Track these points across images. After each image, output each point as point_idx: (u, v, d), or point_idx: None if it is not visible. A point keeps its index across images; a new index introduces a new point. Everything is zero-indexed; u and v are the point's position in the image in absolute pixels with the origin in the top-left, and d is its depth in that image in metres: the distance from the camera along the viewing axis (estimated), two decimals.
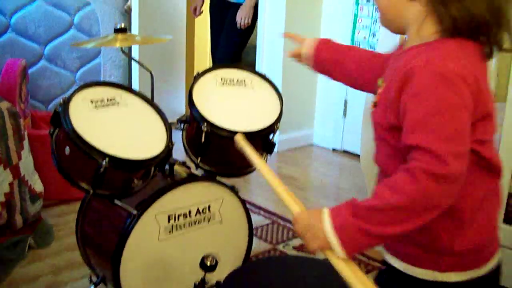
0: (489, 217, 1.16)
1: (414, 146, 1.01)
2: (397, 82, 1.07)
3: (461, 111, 1.01)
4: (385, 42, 2.29)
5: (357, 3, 3.81)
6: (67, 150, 1.58)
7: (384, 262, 1.23)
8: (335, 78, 1.50)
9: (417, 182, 0.99)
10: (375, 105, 1.18)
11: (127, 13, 3.85)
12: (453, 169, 0.99)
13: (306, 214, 1.16)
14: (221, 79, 1.94)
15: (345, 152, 3.97)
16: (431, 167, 0.98)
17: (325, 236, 1.05)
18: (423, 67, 1.02)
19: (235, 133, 1.73)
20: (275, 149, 1.94)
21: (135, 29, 3.71)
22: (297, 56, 1.55)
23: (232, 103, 1.90)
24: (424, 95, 1.02)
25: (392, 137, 1.11)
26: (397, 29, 1.19)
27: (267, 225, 2.76)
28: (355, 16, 3.83)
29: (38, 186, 2.53)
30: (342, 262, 1.05)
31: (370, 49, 3.71)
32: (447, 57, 1.03)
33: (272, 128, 1.83)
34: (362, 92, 1.50)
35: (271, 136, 1.88)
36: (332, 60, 1.48)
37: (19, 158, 2.38)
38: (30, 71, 3.55)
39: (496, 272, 1.19)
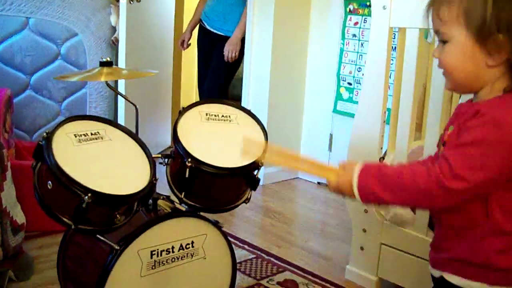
0: None
1: (445, 157, 1.16)
2: (469, 112, 1.20)
3: (499, 151, 1.13)
4: (371, 77, 2.31)
5: (343, 37, 3.84)
6: (50, 184, 1.57)
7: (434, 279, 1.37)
8: None
9: (429, 180, 1.17)
10: (444, 144, 1.29)
11: (115, 44, 3.85)
12: (459, 187, 1.14)
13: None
14: (206, 114, 1.94)
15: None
16: (443, 176, 1.15)
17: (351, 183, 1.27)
18: (486, 111, 1.15)
19: (219, 168, 1.73)
20: (260, 182, 1.94)
21: (121, 60, 3.71)
22: None
23: (217, 138, 1.90)
24: (477, 129, 1.15)
25: None
26: (469, 91, 1.27)
27: (251, 259, 2.74)
28: (341, 50, 3.86)
29: (20, 218, 2.50)
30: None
31: (356, 84, 3.75)
32: (504, 108, 1.15)
33: (256, 164, 1.82)
34: (347, 126, 1.54)
35: (255, 172, 1.87)
36: None
37: (1, 189, 2.35)
38: (15, 100, 3.53)
39: None
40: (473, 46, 1.17)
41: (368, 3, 3.59)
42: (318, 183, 4.10)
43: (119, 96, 3.96)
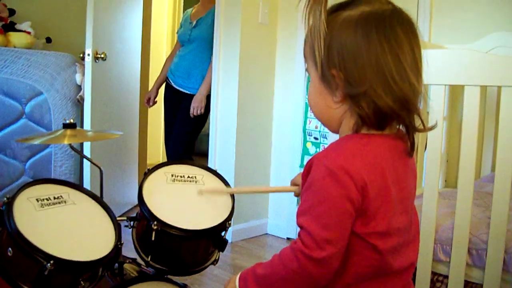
0: None
1: (302, 226, 1.12)
2: (305, 170, 1.17)
3: (343, 203, 1.09)
4: None
5: (307, 92, 3.88)
6: (10, 251, 1.51)
7: None
8: None
9: (297, 261, 1.10)
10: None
11: (80, 103, 3.83)
12: (328, 254, 1.08)
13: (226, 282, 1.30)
14: (172, 175, 1.92)
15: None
16: (308, 250, 1.09)
17: None
18: (319, 161, 1.13)
19: (186, 231, 1.70)
20: (229, 240, 1.91)
21: (87, 119, 3.68)
22: None
23: (183, 200, 1.87)
24: (315, 186, 1.12)
25: None
26: (334, 130, 1.25)
27: None
28: (306, 105, 3.90)
29: None
30: None
31: (323, 138, 3.77)
32: (341, 154, 1.13)
33: (223, 226, 1.80)
34: None
35: (223, 233, 1.85)
36: None
37: None
38: None
39: None
40: (319, 82, 1.17)
41: None
42: (288, 238, 4.07)
43: None
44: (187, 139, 4.11)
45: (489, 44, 3.09)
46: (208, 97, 4.03)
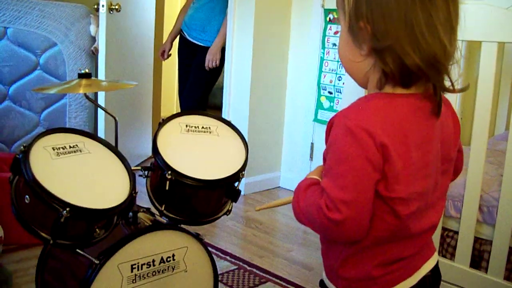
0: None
1: (323, 188, 1.10)
2: (327, 129, 1.15)
3: (362, 163, 1.07)
4: (351, 86, 2.32)
5: (323, 47, 3.85)
6: (27, 198, 1.54)
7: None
8: None
9: (319, 218, 1.10)
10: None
11: (94, 54, 3.83)
12: (344, 216, 1.06)
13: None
14: (186, 126, 1.93)
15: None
16: (326, 211, 1.08)
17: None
18: (339, 121, 1.11)
19: (200, 181, 1.72)
20: (242, 193, 1.93)
21: (101, 71, 3.68)
22: None
23: (197, 150, 1.88)
24: (334, 146, 1.10)
25: None
26: (361, 84, 1.21)
27: (233, 270, 2.72)
28: (321, 59, 3.87)
29: None
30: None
31: (337, 93, 3.75)
32: (362, 113, 1.10)
33: (236, 176, 1.81)
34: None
35: (236, 184, 1.86)
36: None
37: None
38: None
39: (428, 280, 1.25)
40: (348, 34, 1.14)
41: None
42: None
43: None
44: (201, 92, 4.11)
45: (509, 0, 3.03)
46: (222, 50, 4.01)
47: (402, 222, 1.13)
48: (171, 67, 5.74)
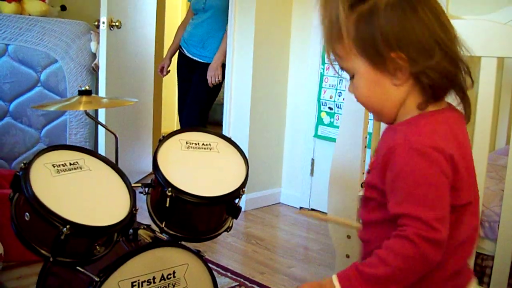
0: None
1: (405, 214, 1.11)
2: (382, 156, 1.18)
3: (440, 179, 1.12)
4: (351, 102, 2.32)
5: (323, 62, 3.86)
6: (27, 216, 1.54)
7: None
8: None
9: (416, 246, 1.08)
10: (368, 172, 1.30)
11: (95, 71, 3.84)
12: (443, 233, 1.09)
13: (316, 284, 1.22)
14: (186, 142, 1.93)
15: (313, 210, 3.96)
16: (425, 233, 1.08)
17: None
18: (401, 145, 1.13)
19: (200, 198, 1.71)
20: (242, 209, 1.93)
21: (102, 87, 3.69)
22: None
23: (197, 167, 1.88)
24: (406, 171, 1.12)
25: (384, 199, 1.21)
26: (390, 117, 1.24)
27: (234, 287, 2.71)
28: (321, 75, 3.88)
29: None
30: None
31: (337, 108, 3.76)
32: (421, 134, 1.14)
33: (237, 193, 1.81)
34: (328, 151, 1.54)
35: (236, 201, 1.86)
36: None
37: None
38: None
39: None
40: (375, 71, 1.18)
41: None
42: (300, 208, 4.09)
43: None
44: (201, 108, 4.11)
45: (508, 16, 3.05)
46: (222, 66, 4.02)
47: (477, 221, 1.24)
48: (171, 83, 5.75)
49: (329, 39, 1.21)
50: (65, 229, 1.47)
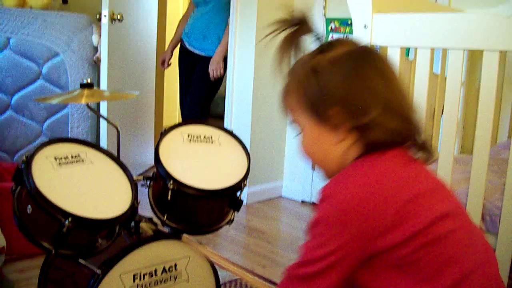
0: None
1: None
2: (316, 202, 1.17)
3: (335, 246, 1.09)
4: None
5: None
6: (29, 208, 1.54)
7: None
8: None
9: (288, 282, 1.15)
10: None
11: (96, 64, 3.84)
12: (312, 269, 1.10)
13: None
14: (188, 135, 1.93)
15: (314, 204, 3.96)
16: (297, 270, 1.13)
17: None
18: (327, 197, 1.13)
19: (202, 190, 1.72)
20: (244, 202, 1.93)
21: (103, 80, 3.69)
22: None
23: (199, 160, 1.88)
24: (319, 224, 1.12)
25: None
26: (334, 172, 1.22)
27: (236, 280, 2.72)
28: None
29: (0, 241, 2.47)
30: None
31: None
32: (350, 185, 1.12)
33: (239, 186, 1.81)
34: None
35: (238, 193, 1.86)
36: None
37: None
38: None
39: None
40: (318, 128, 1.19)
41: (349, 22, 3.61)
42: (302, 201, 4.10)
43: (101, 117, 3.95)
44: (202, 101, 4.11)
45: (511, 9, 3.04)
46: (224, 59, 4.02)
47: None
48: (173, 76, 5.75)
49: (283, 90, 1.25)
50: (67, 221, 1.48)
